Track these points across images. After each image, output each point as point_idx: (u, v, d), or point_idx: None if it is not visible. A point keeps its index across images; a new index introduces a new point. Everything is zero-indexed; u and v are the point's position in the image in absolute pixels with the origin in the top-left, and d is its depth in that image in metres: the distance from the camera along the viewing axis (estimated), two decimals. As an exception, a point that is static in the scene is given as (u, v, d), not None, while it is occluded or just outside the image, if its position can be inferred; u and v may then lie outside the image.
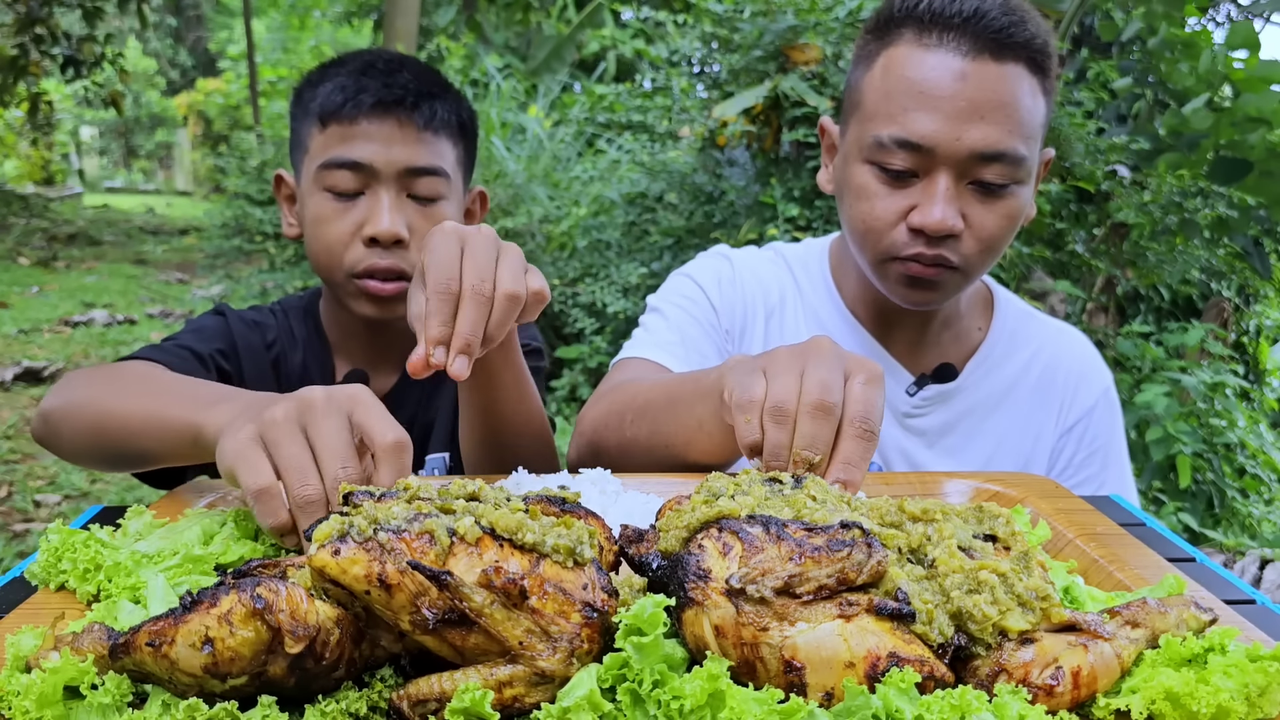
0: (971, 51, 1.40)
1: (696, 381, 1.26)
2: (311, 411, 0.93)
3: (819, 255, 1.74)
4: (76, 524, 1.06)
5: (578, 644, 0.68)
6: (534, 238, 6.31)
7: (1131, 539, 1.04)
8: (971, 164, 1.41)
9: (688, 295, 1.70)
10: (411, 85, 1.56)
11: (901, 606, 0.69)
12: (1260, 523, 4.89)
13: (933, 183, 1.42)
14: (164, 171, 27.19)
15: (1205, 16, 6.14)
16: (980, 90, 1.39)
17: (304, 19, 17.54)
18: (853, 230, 1.53)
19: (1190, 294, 6.32)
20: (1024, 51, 1.41)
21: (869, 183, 1.47)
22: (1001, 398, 1.67)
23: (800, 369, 1.01)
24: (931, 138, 1.40)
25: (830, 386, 0.98)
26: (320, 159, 1.55)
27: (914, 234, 1.45)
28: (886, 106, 1.44)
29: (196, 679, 0.67)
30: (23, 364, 6.95)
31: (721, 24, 5.51)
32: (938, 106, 1.40)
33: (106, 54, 11.06)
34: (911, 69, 1.43)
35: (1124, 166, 5.24)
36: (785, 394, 0.99)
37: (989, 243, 1.46)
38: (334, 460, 0.90)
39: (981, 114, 1.39)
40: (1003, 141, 1.40)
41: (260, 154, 7.30)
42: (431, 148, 1.57)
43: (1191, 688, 0.67)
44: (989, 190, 1.43)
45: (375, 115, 1.53)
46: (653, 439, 1.31)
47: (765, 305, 1.70)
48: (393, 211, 1.52)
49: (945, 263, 1.45)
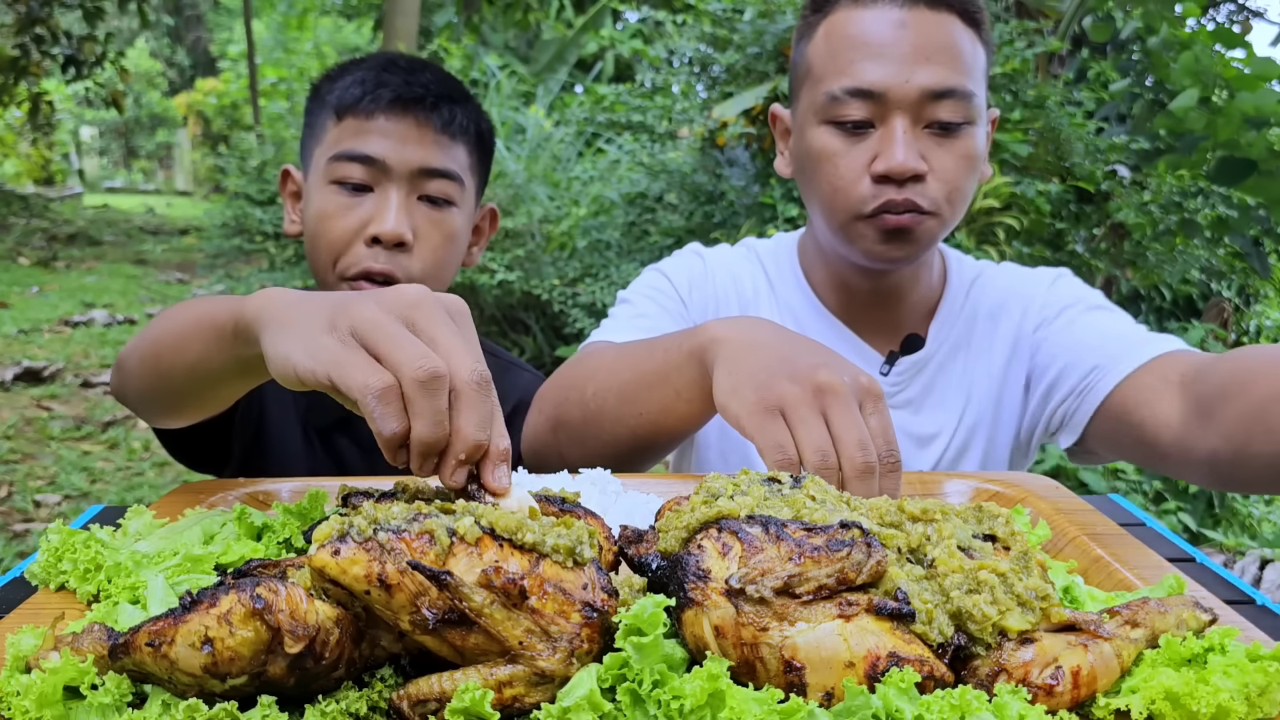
0: (906, 3, 1.47)
1: (667, 354, 1.25)
2: (418, 309, 0.81)
3: (788, 249, 1.76)
4: (76, 524, 1.06)
5: (578, 644, 0.68)
6: (534, 238, 6.32)
7: (1131, 539, 1.04)
8: (924, 104, 1.45)
9: (656, 287, 1.71)
10: (433, 86, 1.54)
11: (901, 606, 0.69)
12: (1260, 523, 4.90)
13: (889, 129, 1.45)
14: (164, 171, 27.20)
15: (1205, 16, 6.14)
16: (921, 35, 1.45)
17: (303, 19, 17.55)
18: (820, 197, 1.53)
19: (1190, 294, 6.32)
20: (957, 5, 1.48)
21: (828, 142, 1.49)
22: (970, 347, 1.67)
23: (819, 410, 1.03)
24: (882, 83, 1.44)
25: (866, 443, 1.00)
26: (332, 150, 1.52)
27: (879, 183, 1.46)
28: (834, 63, 1.49)
29: (196, 679, 0.67)
30: (23, 364, 6.95)
31: (720, 24, 5.52)
32: (883, 53, 1.45)
33: (108, 53, 11.06)
34: (852, 26, 1.49)
35: (1124, 166, 5.24)
36: (823, 445, 1.00)
37: (953, 183, 1.48)
38: (466, 358, 0.78)
39: (926, 55, 1.44)
40: (951, 78, 1.45)
41: (260, 154, 7.31)
42: (447, 151, 1.54)
43: (1191, 688, 0.67)
44: (945, 130, 1.47)
45: (393, 112, 1.51)
46: (621, 409, 1.31)
47: (739, 299, 1.71)
48: (400, 212, 1.49)
49: (916, 207, 1.46)
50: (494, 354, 1.80)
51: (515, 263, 6.14)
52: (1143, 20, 5.41)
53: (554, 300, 6.06)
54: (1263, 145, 4.53)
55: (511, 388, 1.74)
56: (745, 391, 1.09)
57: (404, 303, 0.82)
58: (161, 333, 1.19)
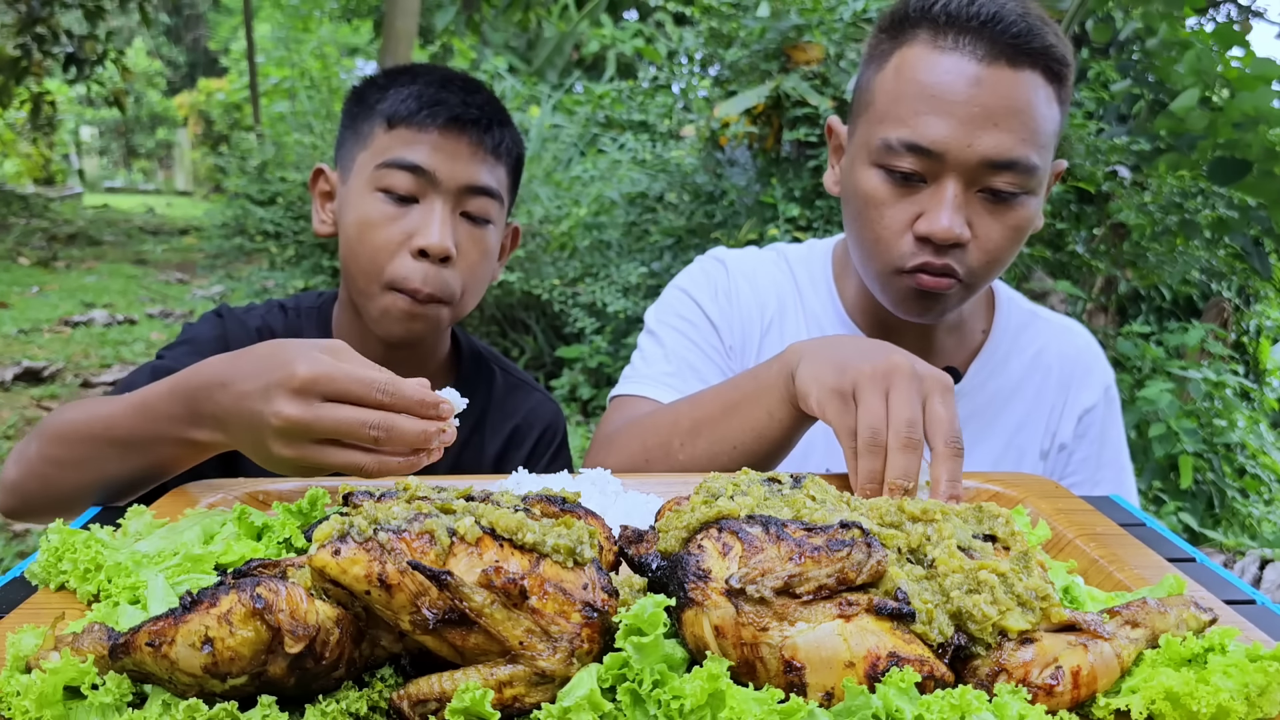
0: (987, 56, 1.37)
1: (756, 379, 1.31)
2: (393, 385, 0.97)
3: (822, 258, 1.72)
4: (76, 524, 1.06)
5: (578, 644, 0.68)
6: (534, 238, 6.31)
7: (1131, 539, 1.04)
8: (982, 171, 1.38)
9: (685, 316, 1.68)
10: (487, 108, 1.58)
11: (901, 606, 0.69)
12: (1260, 523, 4.90)
13: (940, 189, 1.39)
14: (164, 171, 27.19)
15: (1205, 16, 6.14)
16: (994, 96, 1.36)
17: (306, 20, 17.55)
18: (860, 239, 1.50)
19: (1190, 294, 6.32)
20: (1041, 59, 1.38)
21: (876, 188, 1.44)
22: (1008, 398, 1.66)
23: (884, 391, 1.11)
24: (942, 143, 1.37)
25: (915, 421, 1.09)
26: (382, 157, 1.53)
27: (920, 243, 1.42)
28: (897, 109, 1.41)
29: (196, 679, 0.67)
30: (23, 364, 6.95)
31: (726, 20, 5.51)
32: (950, 111, 1.37)
33: (109, 53, 11.06)
34: (924, 72, 1.40)
35: (1124, 167, 5.24)
36: (876, 423, 1.09)
37: (994, 254, 1.43)
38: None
39: (995, 120, 1.36)
40: (1015, 149, 1.37)
41: (260, 154, 7.30)
42: (492, 171, 1.57)
43: (1191, 688, 0.67)
44: (998, 199, 1.40)
45: (450, 129, 1.53)
46: (714, 448, 1.32)
47: (763, 317, 1.68)
48: (445, 226, 1.51)
49: (951, 273, 1.42)
50: (507, 371, 1.81)
51: (515, 263, 6.14)
52: (1143, 20, 5.41)
53: (554, 300, 6.06)
54: (1260, 145, 4.53)
55: (518, 406, 1.75)
56: (825, 377, 1.17)
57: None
58: (67, 428, 1.19)
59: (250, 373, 1.00)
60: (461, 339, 1.77)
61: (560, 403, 5.72)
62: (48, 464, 1.20)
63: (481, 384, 1.74)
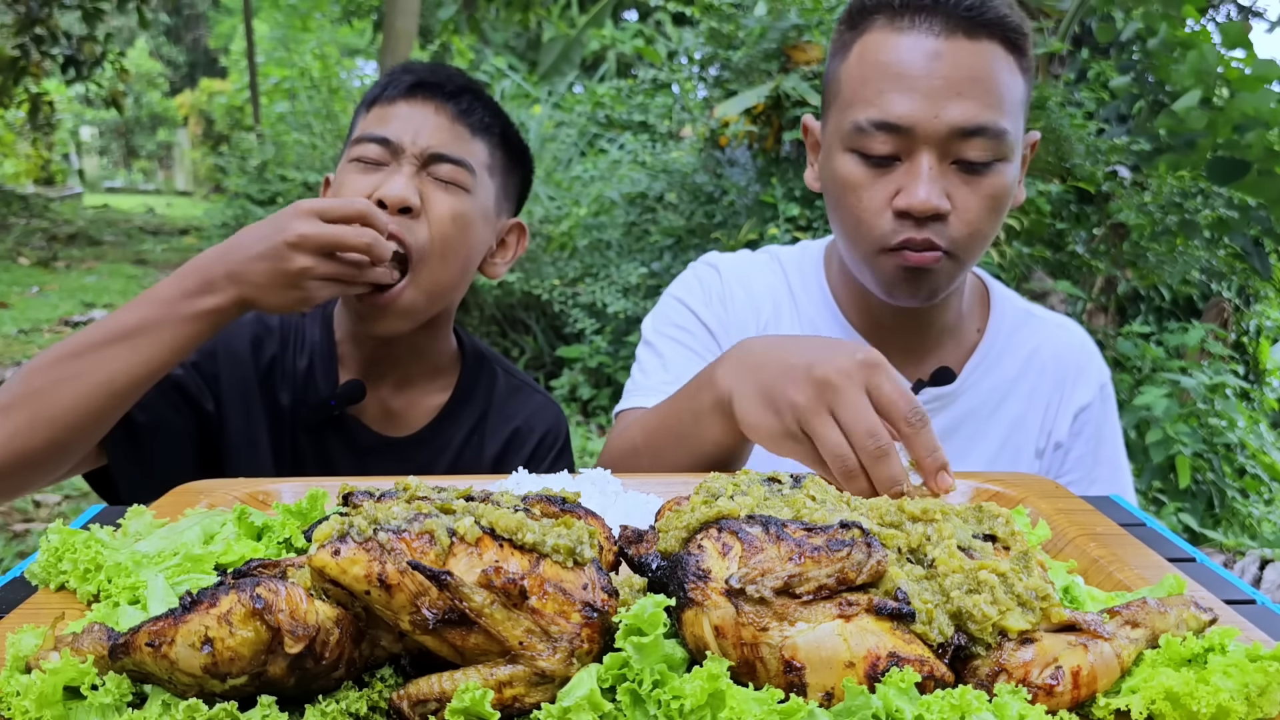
0: (944, 31, 1.41)
1: (693, 414, 1.30)
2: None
3: (815, 259, 1.73)
4: (77, 524, 1.06)
5: (578, 644, 0.68)
6: (534, 238, 6.32)
7: (1131, 539, 1.04)
8: (952, 141, 1.40)
9: (681, 325, 1.69)
10: (456, 79, 1.61)
11: (901, 606, 0.69)
12: (1260, 523, 4.90)
13: (915, 164, 1.41)
14: (164, 171, 27.21)
15: (1205, 17, 6.14)
16: (955, 67, 1.39)
17: (306, 20, 17.54)
18: (842, 225, 1.52)
19: (1190, 294, 6.32)
20: (998, 29, 1.42)
21: (852, 172, 1.46)
22: (1003, 396, 1.66)
23: (827, 412, 1.08)
24: (909, 117, 1.40)
25: (874, 428, 1.05)
26: (354, 135, 1.60)
27: (900, 219, 1.43)
28: (863, 92, 1.44)
29: (196, 679, 0.67)
30: (23, 364, 6.94)
31: (726, 20, 5.51)
32: (914, 86, 1.40)
33: (108, 53, 11.06)
34: (885, 53, 1.44)
35: (1124, 167, 5.25)
36: (839, 451, 1.07)
37: (975, 225, 1.44)
38: None
39: (959, 90, 1.39)
40: (981, 115, 1.39)
41: (260, 154, 7.30)
42: (463, 142, 1.57)
43: (1191, 688, 0.67)
44: (973, 170, 1.42)
45: (414, 97, 1.57)
46: (679, 466, 1.35)
47: (758, 320, 1.69)
48: (407, 180, 1.52)
49: (935, 246, 1.44)
50: (509, 373, 1.80)
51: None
52: (1143, 21, 5.41)
53: (554, 300, 6.06)
54: (1260, 145, 4.53)
55: (519, 409, 1.74)
56: (764, 421, 1.16)
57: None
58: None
59: (255, 232, 1.34)
60: (465, 339, 1.77)
61: (560, 403, 5.72)
62: (36, 398, 1.30)
63: (483, 385, 1.74)
